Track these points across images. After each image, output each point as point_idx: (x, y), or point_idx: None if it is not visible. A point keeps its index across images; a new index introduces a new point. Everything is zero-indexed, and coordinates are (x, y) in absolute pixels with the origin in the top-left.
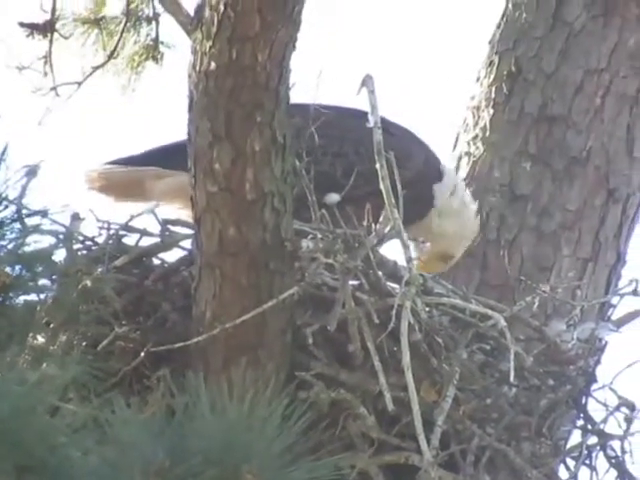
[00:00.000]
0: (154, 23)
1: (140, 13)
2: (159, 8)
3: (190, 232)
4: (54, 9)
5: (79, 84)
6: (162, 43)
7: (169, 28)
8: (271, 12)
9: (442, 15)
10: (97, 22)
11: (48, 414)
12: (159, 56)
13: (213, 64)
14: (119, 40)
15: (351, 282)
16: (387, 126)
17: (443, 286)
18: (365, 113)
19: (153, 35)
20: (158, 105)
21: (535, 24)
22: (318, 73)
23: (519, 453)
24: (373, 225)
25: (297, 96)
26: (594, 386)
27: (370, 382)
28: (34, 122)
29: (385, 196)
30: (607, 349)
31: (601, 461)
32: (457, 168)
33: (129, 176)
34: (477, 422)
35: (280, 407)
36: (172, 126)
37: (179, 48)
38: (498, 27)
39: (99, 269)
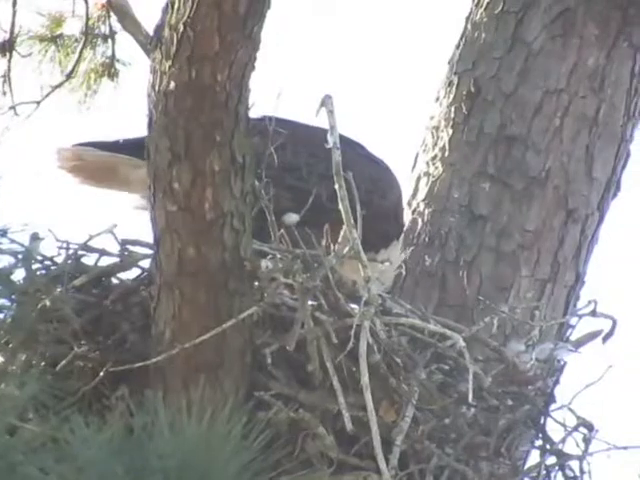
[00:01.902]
0: (110, 41)
1: (97, 31)
2: (115, 26)
3: (149, 252)
4: (13, 28)
5: (38, 103)
6: (118, 61)
7: (126, 46)
8: (230, 32)
9: (401, 35)
10: (54, 39)
11: (7, 433)
12: (115, 73)
13: (172, 84)
14: (78, 59)
15: (310, 302)
16: (371, 155)
17: (402, 306)
18: (349, 139)
19: (109, 53)
20: (116, 122)
21: (494, 44)
22: (277, 93)
23: (478, 473)
24: (332, 245)
25: (257, 115)
26: (553, 406)
27: (329, 402)
28: None
29: (344, 216)
30: (566, 370)
31: None
32: (416, 188)
33: (104, 160)
34: (436, 442)
35: (238, 426)
36: None
37: (135, 66)
38: (457, 47)
39: (58, 289)
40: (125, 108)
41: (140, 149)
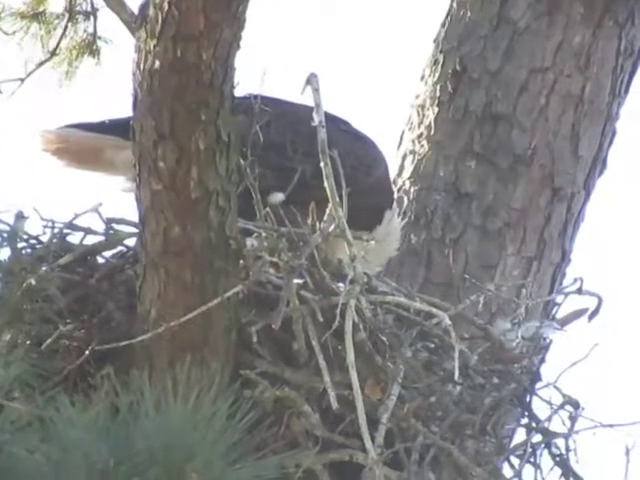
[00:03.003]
0: (92, 18)
1: (78, 8)
2: (97, 3)
3: (135, 231)
4: None
5: (22, 80)
6: (100, 38)
7: (107, 23)
8: (215, 11)
9: (387, 13)
10: (36, 16)
11: None
12: (97, 50)
13: (157, 63)
14: (62, 36)
15: (296, 281)
16: (355, 131)
17: (387, 284)
18: (333, 116)
19: (91, 30)
20: (98, 99)
21: (480, 23)
22: (262, 72)
23: (463, 451)
24: (318, 223)
25: (241, 94)
26: (538, 384)
27: (314, 380)
28: None
29: (329, 195)
30: (551, 348)
31: (545, 459)
32: (401, 167)
33: (89, 142)
34: (421, 420)
35: (225, 406)
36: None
37: (117, 43)
38: (443, 26)
39: (43, 268)
40: (107, 85)
41: (126, 130)
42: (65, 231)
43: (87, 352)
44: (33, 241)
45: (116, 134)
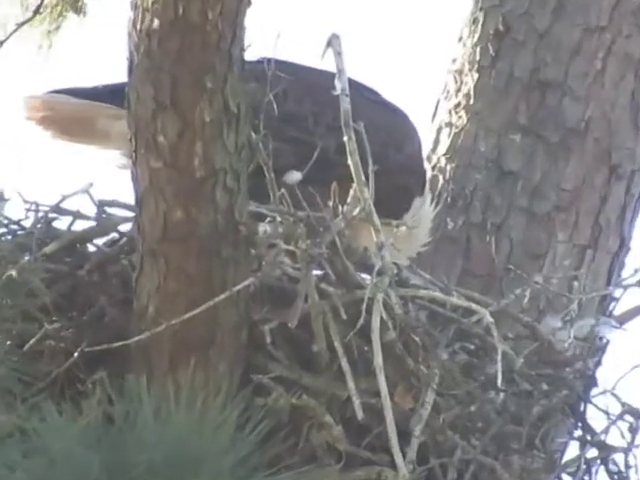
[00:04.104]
0: None
1: None
2: None
3: (130, 214)
4: None
5: (1, 43)
6: None
7: None
8: None
9: None
10: None
11: None
12: (82, 8)
13: (156, 22)
14: None
15: (315, 272)
16: (384, 101)
17: (420, 276)
18: (360, 84)
19: None
20: (83, 63)
21: None
22: (277, 32)
23: (507, 468)
24: (340, 206)
25: (253, 58)
26: (594, 391)
27: (337, 387)
28: None
29: (354, 173)
30: (609, 349)
31: (602, 477)
32: (436, 141)
33: (80, 110)
34: (460, 432)
35: (234, 414)
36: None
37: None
38: None
39: (26, 257)
40: (93, 48)
41: (123, 97)
42: (51, 215)
43: (76, 354)
44: (14, 226)
45: (112, 102)
